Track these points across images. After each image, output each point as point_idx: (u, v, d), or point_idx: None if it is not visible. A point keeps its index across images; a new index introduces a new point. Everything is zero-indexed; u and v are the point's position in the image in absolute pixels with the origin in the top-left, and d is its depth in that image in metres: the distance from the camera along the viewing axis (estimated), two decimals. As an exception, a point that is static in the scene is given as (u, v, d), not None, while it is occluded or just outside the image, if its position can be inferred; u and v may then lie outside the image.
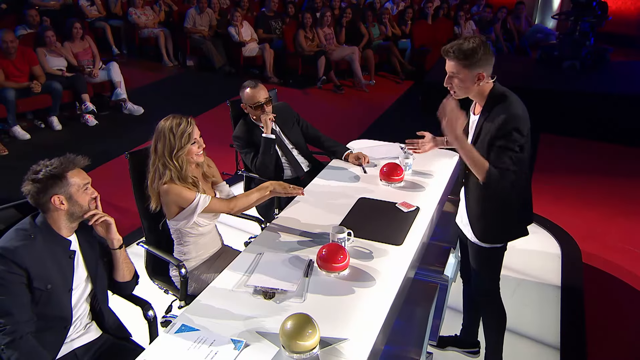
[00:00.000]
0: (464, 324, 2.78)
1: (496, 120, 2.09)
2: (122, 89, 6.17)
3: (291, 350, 1.70)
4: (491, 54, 2.13)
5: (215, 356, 1.70)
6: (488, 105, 2.16)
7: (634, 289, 3.38)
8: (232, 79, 7.94)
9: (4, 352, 1.70)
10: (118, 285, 2.06)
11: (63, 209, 1.84)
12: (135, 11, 8.33)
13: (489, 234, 2.31)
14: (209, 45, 7.94)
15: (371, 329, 1.84)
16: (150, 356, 1.70)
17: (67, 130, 5.77)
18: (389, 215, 2.56)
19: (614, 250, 3.79)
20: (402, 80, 8.31)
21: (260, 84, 3.09)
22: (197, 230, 2.37)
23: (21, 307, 1.71)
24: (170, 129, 2.26)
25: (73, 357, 1.89)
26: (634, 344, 2.95)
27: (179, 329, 1.82)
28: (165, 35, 8.27)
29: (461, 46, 2.09)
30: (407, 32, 8.97)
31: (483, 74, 2.11)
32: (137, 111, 6.27)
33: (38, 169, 1.85)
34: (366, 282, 2.09)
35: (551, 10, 11.82)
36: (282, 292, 2.00)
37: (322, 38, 7.85)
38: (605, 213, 4.36)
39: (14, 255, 1.71)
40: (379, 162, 3.10)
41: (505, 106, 2.10)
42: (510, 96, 2.15)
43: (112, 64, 6.22)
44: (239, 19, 7.81)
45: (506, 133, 2.05)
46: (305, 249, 2.29)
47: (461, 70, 2.11)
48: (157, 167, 2.26)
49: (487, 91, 2.17)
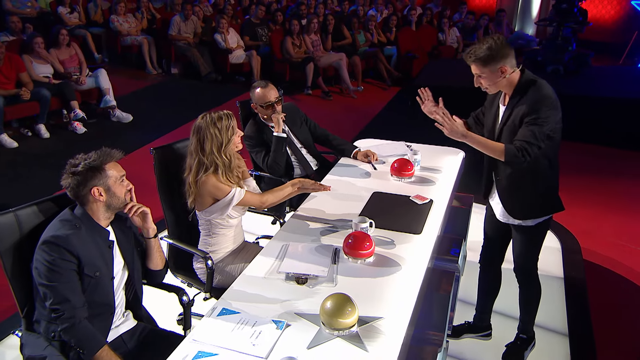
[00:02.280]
0: (478, 309, 2.95)
1: (527, 101, 2.30)
2: (111, 96, 6.23)
3: (332, 327, 1.83)
4: (507, 47, 2.33)
5: (260, 335, 1.82)
6: (517, 92, 2.37)
7: (629, 279, 3.61)
8: (218, 86, 8.07)
9: (63, 337, 1.79)
10: (151, 273, 2.17)
11: (102, 200, 1.95)
12: (117, 18, 8.39)
13: (525, 209, 2.52)
14: (194, 52, 8.06)
15: (404, 308, 1.99)
16: (198, 336, 1.81)
17: (56, 138, 5.79)
18: (405, 207, 2.73)
19: (608, 245, 4.03)
20: (389, 87, 8.56)
21: (271, 84, 3.24)
22: (228, 222, 2.49)
23: (76, 293, 1.81)
24: (214, 125, 2.37)
25: (121, 342, 1.99)
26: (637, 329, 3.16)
27: (220, 312, 1.93)
28: (148, 43, 8.36)
29: (476, 49, 2.32)
30: (391, 38, 9.25)
31: (505, 67, 2.32)
32: (126, 118, 6.33)
33: (77, 162, 1.95)
34: (392, 268, 2.23)
35: (530, 17, 12.33)
36: (314, 278, 2.13)
37: (309, 45, 8.05)
38: (596, 211, 4.61)
39: (67, 243, 1.81)
40: (387, 159, 3.27)
41: (536, 89, 2.32)
42: (539, 80, 2.36)
43: (100, 71, 6.28)
44: (225, 26, 7.96)
45: (535, 109, 2.27)
46: (329, 238, 2.43)
47: (483, 70, 2.34)
48: (203, 165, 2.37)
49: (515, 80, 2.37)
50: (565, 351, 2.90)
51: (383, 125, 6.82)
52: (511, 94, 2.40)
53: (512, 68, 2.34)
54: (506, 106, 2.43)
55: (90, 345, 1.80)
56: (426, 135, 3.57)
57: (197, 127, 2.40)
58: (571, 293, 3.34)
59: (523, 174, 2.46)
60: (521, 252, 2.66)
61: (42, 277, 1.80)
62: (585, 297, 3.32)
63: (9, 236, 1.93)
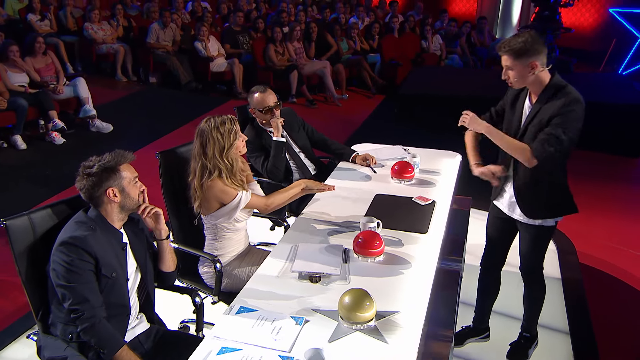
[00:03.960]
0: (478, 312, 3.08)
1: (557, 102, 2.42)
2: (90, 106, 6.26)
3: (351, 321, 1.94)
4: (541, 44, 2.44)
5: (280, 331, 1.92)
6: (547, 92, 2.47)
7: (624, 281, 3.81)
8: (199, 95, 8.15)
9: (83, 337, 1.86)
10: (163, 275, 2.25)
11: (116, 202, 2.03)
12: (92, 26, 8.41)
13: (542, 211, 2.65)
14: (173, 60, 8.13)
15: (419, 303, 2.11)
16: (220, 333, 1.89)
17: (33, 150, 5.79)
18: (408, 208, 2.86)
19: (602, 248, 4.25)
20: (373, 94, 8.76)
21: (269, 89, 3.35)
22: (234, 225, 2.58)
23: (95, 293, 1.88)
24: (216, 129, 2.47)
25: (137, 343, 2.06)
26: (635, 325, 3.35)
27: (239, 310, 2.02)
28: (125, 51, 8.40)
29: (511, 41, 2.45)
30: (374, 46, 9.48)
31: (536, 63, 2.42)
32: (106, 129, 6.36)
33: (90, 164, 2.02)
34: (402, 266, 2.36)
35: (511, 24, 12.74)
36: (327, 276, 2.24)
37: (292, 52, 8.21)
38: (588, 214, 4.82)
39: (84, 243, 1.88)
40: (386, 162, 3.41)
41: (566, 92, 2.44)
42: (569, 86, 2.48)
43: (78, 80, 6.30)
44: (206, 33, 8.07)
45: (566, 112, 2.39)
46: (337, 239, 2.55)
47: (514, 62, 2.45)
48: (207, 169, 2.46)
49: (546, 80, 2.48)
50: (568, 349, 3.05)
51: (370, 133, 6.98)
52: (540, 92, 2.50)
53: (542, 66, 2.45)
54: (534, 104, 2.53)
55: (110, 345, 1.87)
56: (416, 141, 3.74)
57: (200, 131, 2.50)
58: (570, 293, 3.52)
59: (542, 174, 2.57)
60: (529, 251, 2.79)
61: (60, 278, 1.87)
62: (583, 296, 3.50)
63: (23, 239, 1.99)
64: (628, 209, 5.13)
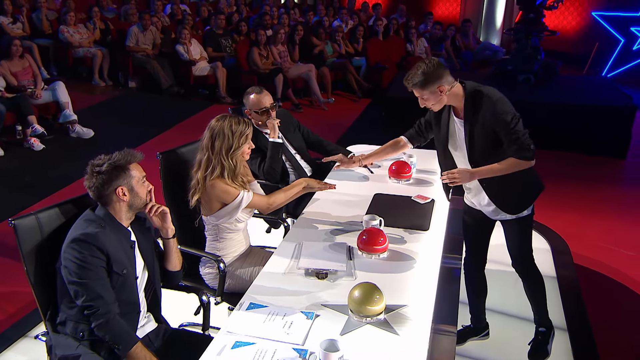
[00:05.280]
0: (473, 312, 3.20)
1: (487, 111, 2.60)
2: (70, 110, 6.26)
3: (361, 314, 2.04)
4: (440, 68, 2.62)
5: (292, 325, 2.01)
6: (468, 103, 2.67)
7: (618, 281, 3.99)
8: (181, 99, 8.20)
9: (97, 334, 1.92)
10: (168, 275, 2.31)
11: (125, 201, 2.10)
12: (68, 29, 8.40)
13: (519, 202, 2.82)
14: (154, 64, 8.17)
15: (426, 296, 2.22)
16: (232, 328, 1.97)
17: (11, 156, 5.78)
18: (408, 207, 2.98)
19: (596, 248, 4.42)
20: (359, 98, 8.90)
21: (265, 90, 3.44)
22: (236, 226, 2.66)
23: (108, 290, 1.95)
24: (230, 127, 2.56)
25: (148, 341, 2.12)
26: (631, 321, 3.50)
27: (249, 307, 2.11)
28: (103, 55, 8.41)
29: (412, 76, 2.64)
30: (359, 49, 9.64)
31: (442, 87, 2.62)
32: (87, 134, 6.37)
33: (100, 162, 2.08)
34: (407, 262, 2.47)
35: (494, 27, 13.06)
36: (334, 272, 2.34)
37: (276, 55, 8.32)
38: (579, 215, 5.02)
39: (96, 240, 1.95)
40: (382, 163, 3.53)
41: (487, 97, 2.63)
42: (483, 88, 2.67)
43: (57, 84, 6.31)
44: (187, 36, 8.13)
45: (503, 114, 2.58)
46: (340, 237, 2.65)
47: (422, 92, 2.65)
48: (212, 163, 2.54)
49: (460, 93, 2.68)
50: (566, 345, 3.19)
51: (358, 136, 7.04)
52: (462, 104, 2.69)
53: (449, 85, 2.64)
54: (464, 120, 2.70)
55: (125, 341, 1.94)
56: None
57: (211, 127, 2.58)
58: (565, 290, 3.67)
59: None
60: (518, 244, 2.94)
61: (72, 274, 1.93)
62: (579, 293, 3.65)
63: (30, 239, 2.05)
64: (619, 209, 5.33)
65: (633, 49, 11.98)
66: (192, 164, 2.67)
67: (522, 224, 2.90)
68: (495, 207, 2.85)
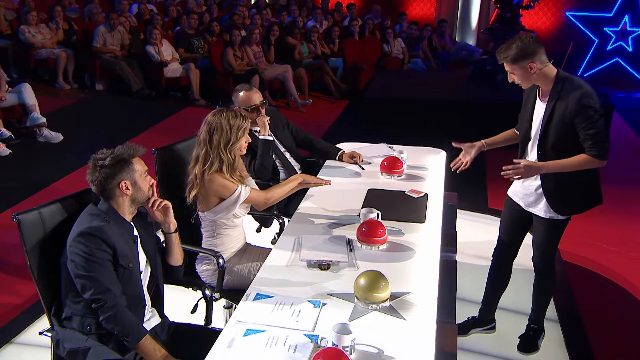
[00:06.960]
0: (485, 303, 3.36)
1: (572, 99, 2.68)
2: (38, 113, 6.25)
3: (368, 301, 2.16)
4: (535, 45, 2.70)
5: (300, 314, 2.12)
6: (556, 87, 2.75)
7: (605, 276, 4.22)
8: (152, 102, 8.23)
9: (106, 326, 1.99)
10: (171, 269, 2.41)
11: (128, 195, 2.19)
12: (29, 29, 8.34)
13: (573, 204, 2.93)
14: (123, 66, 8.19)
15: (430, 283, 2.36)
16: (242, 317, 2.07)
17: (-24, 162, 5.74)
18: (403, 201, 3.12)
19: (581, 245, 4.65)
20: (336, 99, 9.07)
21: (254, 87, 3.56)
22: (233, 221, 2.76)
23: (115, 283, 2.04)
24: (227, 121, 2.66)
25: (154, 334, 2.20)
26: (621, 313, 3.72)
27: (255, 297, 2.21)
28: (67, 56, 8.38)
29: (503, 50, 2.73)
30: (335, 50, 9.83)
31: (533, 64, 2.70)
32: (56, 138, 6.36)
33: (102, 156, 2.17)
34: (406, 252, 2.61)
35: (470, 28, 13.43)
36: (336, 264, 2.46)
37: (251, 56, 8.43)
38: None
39: (102, 233, 2.03)
40: (372, 159, 3.68)
41: (577, 85, 2.71)
42: (575, 78, 2.76)
43: (23, 86, 6.29)
44: (158, 37, 8.18)
45: (589, 111, 2.66)
46: (338, 230, 2.78)
47: (512, 67, 2.74)
48: (210, 157, 2.64)
49: (551, 75, 2.76)
50: (558, 335, 3.38)
51: (338, 138, 7.20)
52: (549, 87, 2.77)
53: (541, 64, 2.72)
54: (547, 103, 2.79)
55: (133, 333, 2.02)
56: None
57: (207, 121, 2.68)
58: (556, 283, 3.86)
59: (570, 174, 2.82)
60: (545, 243, 3.06)
61: (79, 268, 2.01)
62: (569, 286, 3.85)
63: (33, 234, 2.12)
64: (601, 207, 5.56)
65: (607, 49, 12.50)
66: (188, 160, 2.77)
67: (554, 225, 2.98)
68: (543, 199, 2.91)
